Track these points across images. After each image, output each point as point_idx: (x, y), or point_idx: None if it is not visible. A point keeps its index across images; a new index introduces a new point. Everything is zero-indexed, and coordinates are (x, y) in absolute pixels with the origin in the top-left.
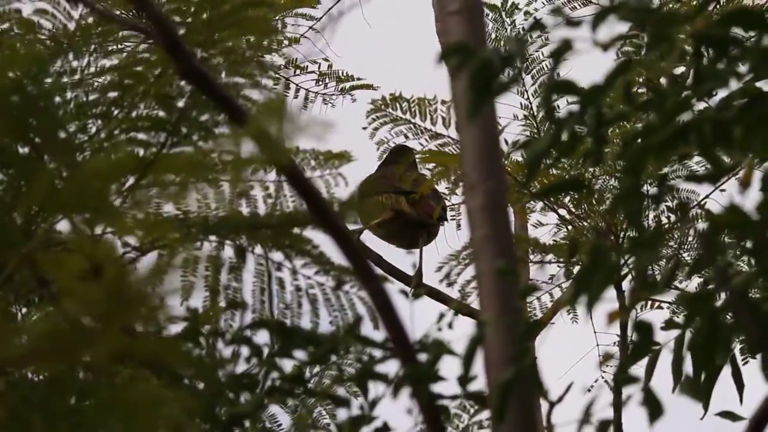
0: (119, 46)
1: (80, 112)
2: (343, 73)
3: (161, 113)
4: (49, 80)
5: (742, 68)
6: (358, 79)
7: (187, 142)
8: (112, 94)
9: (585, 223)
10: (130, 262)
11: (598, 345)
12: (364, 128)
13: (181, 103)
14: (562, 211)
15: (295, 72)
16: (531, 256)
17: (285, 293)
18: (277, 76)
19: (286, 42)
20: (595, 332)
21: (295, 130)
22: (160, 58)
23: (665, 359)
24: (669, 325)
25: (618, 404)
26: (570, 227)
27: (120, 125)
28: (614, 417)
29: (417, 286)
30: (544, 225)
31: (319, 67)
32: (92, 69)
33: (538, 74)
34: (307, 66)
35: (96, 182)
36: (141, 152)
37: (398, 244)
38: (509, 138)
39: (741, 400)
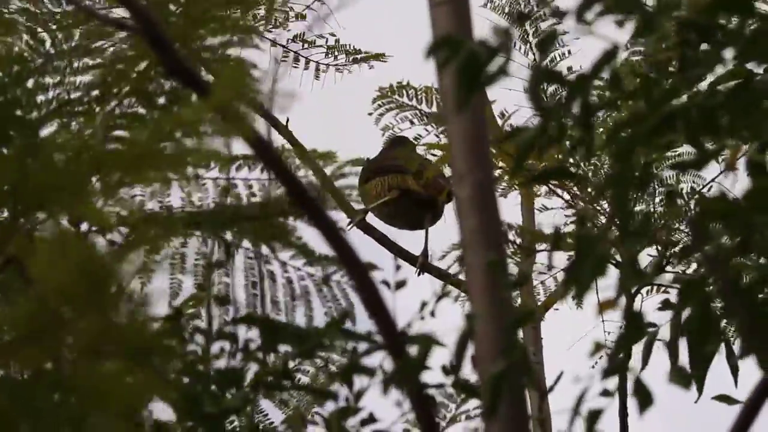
0: (101, 44)
1: (62, 111)
2: (350, 47)
3: (143, 110)
4: (30, 80)
5: (728, 55)
6: (366, 52)
7: (170, 138)
8: (94, 93)
9: (589, 207)
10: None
11: (606, 332)
12: (370, 114)
13: (162, 100)
14: (568, 195)
15: (303, 46)
16: (536, 246)
17: (276, 287)
18: (287, 49)
19: (292, 15)
20: (603, 321)
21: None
22: (141, 54)
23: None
24: (666, 305)
25: (623, 394)
26: (574, 211)
27: (103, 123)
28: (620, 406)
29: (422, 266)
30: (549, 209)
31: (326, 42)
32: (75, 65)
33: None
34: (315, 40)
35: (60, 157)
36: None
37: (402, 225)
38: (520, 109)
39: (735, 383)
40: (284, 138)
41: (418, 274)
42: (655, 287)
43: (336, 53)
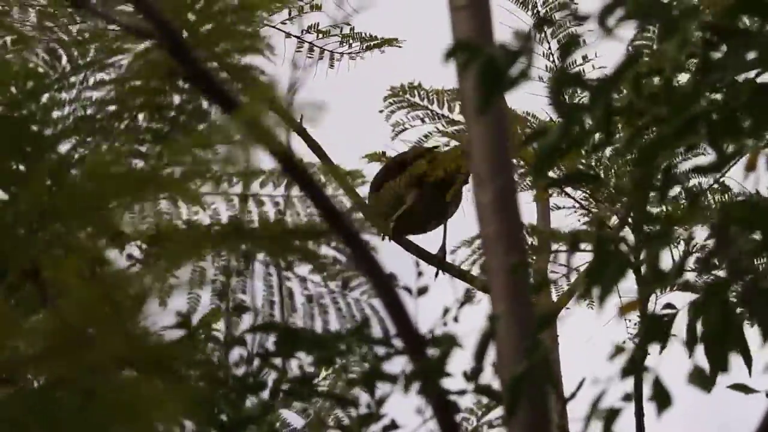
0: (117, 59)
1: (78, 127)
2: (365, 34)
3: (158, 125)
4: (45, 95)
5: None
6: (381, 38)
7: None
8: (110, 108)
9: (604, 206)
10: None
11: (630, 337)
12: (381, 111)
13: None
14: (580, 195)
15: (317, 36)
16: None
17: (295, 303)
18: (301, 40)
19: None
20: (626, 325)
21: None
22: (157, 68)
23: (676, 351)
24: (686, 287)
25: (639, 394)
26: (588, 211)
27: (119, 137)
28: (635, 407)
29: (440, 263)
30: (561, 209)
31: (341, 31)
32: (90, 82)
33: (563, 39)
34: (329, 30)
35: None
36: (140, 164)
37: (427, 219)
38: (537, 99)
39: (750, 373)
40: (303, 140)
41: (437, 273)
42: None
43: (350, 41)
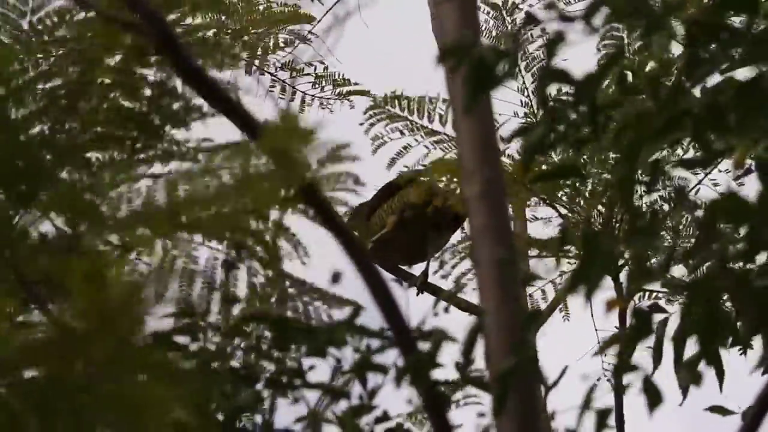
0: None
1: (42, 94)
2: (339, 76)
3: (128, 104)
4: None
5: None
6: (355, 83)
7: (159, 136)
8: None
9: (579, 217)
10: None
11: (597, 333)
12: (361, 124)
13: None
14: (560, 207)
15: (291, 74)
16: (529, 251)
17: None
18: (274, 77)
19: (282, 44)
20: (594, 324)
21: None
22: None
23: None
24: (655, 309)
25: (619, 391)
26: (565, 221)
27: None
28: (615, 403)
29: (422, 284)
30: (539, 219)
31: (315, 70)
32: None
33: (538, 72)
34: (303, 68)
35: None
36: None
37: (406, 256)
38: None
39: (721, 389)
40: None
41: (417, 294)
42: (646, 293)
43: (323, 83)
